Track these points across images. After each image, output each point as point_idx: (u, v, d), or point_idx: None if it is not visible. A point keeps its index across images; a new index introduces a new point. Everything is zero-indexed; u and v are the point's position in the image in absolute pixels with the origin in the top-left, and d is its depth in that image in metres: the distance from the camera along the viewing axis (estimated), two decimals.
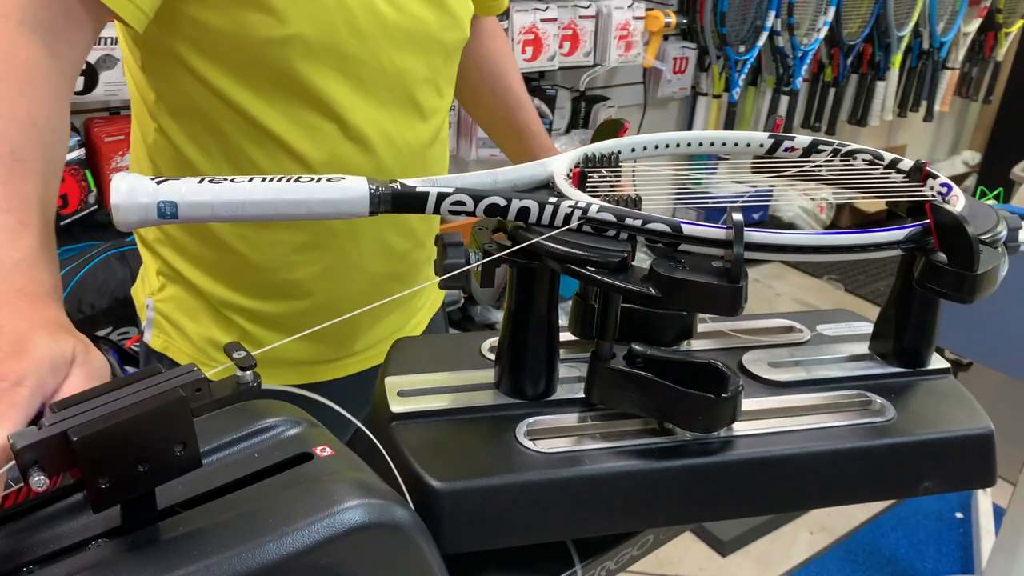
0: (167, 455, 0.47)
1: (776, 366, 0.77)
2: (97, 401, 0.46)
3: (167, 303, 0.96)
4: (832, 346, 0.82)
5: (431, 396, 0.72)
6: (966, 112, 4.59)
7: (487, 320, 2.58)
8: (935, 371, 0.79)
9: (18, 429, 0.46)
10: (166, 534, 0.49)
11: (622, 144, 0.79)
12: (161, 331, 0.97)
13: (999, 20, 3.92)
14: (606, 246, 0.62)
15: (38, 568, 0.47)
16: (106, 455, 0.45)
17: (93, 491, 0.46)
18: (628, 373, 0.67)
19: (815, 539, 2.22)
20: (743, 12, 3.00)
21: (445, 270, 0.64)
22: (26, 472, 0.44)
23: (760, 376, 0.76)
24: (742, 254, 0.60)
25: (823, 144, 0.83)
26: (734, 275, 0.59)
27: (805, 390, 0.75)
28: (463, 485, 0.63)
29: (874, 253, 0.66)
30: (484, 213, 0.63)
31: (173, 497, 0.52)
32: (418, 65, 0.90)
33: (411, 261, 0.99)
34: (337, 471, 0.54)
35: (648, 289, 0.60)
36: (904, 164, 0.79)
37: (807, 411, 0.73)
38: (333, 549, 0.49)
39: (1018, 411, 2.31)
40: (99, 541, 0.49)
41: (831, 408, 0.73)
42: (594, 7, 2.60)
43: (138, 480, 0.47)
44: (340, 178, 0.61)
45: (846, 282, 3.58)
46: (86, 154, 1.81)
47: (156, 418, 0.46)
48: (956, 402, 0.76)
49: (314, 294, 0.93)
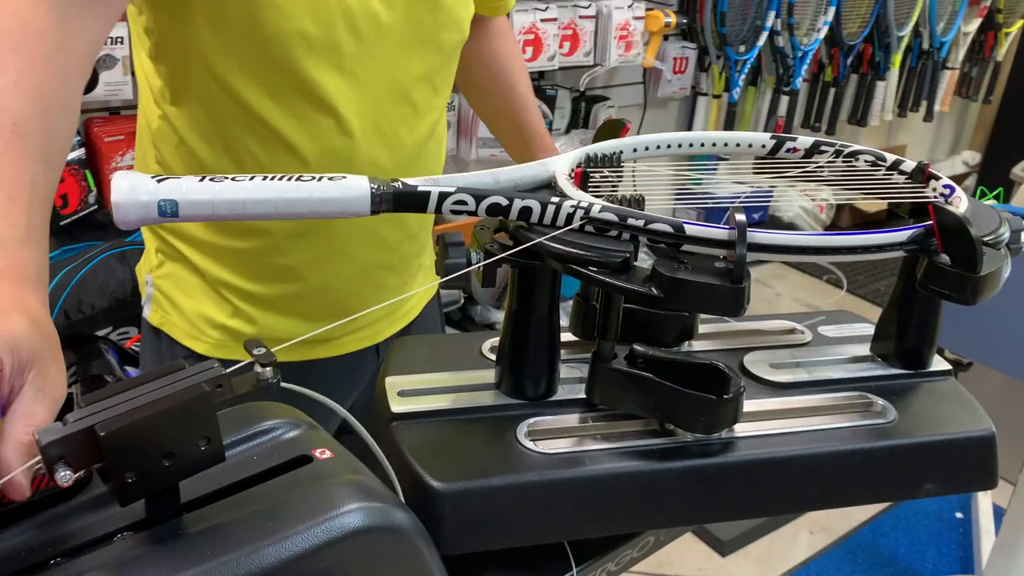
0: (191, 450, 0.48)
1: (777, 367, 0.77)
2: (122, 396, 0.47)
3: (164, 280, 0.98)
4: (833, 347, 0.82)
5: (431, 396, 0.72)
6: (966, 112, 4.59)
7: (487, 320, 2.58)
8: (937, 373, 0.79)
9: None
10: (164, 538, 0.49)
11: (624, 144, 0.79)
12: (158, 307, 0.99)
13: (999, 20, 3.92)
14: (608, 246, 0.62)
15: (66, 560, 0.48)
16: (132, 449, 0.46)
17: (120, 485, 0.47)
18: (629, 374, 0.67)
19: (815, 539, 2.22)
20: (743, 12, 3.00)
21: (447, 270, 0.64)
22: (52, 467, 0.44)
23: (761, 377, 0.76)
24: (745, 255, 0.60)
25: (825, 145, 0.83)
26: (736, 275, 0.59)
27: (806, 391, 0.75)
28: (463, 486, 0.63)
29: (877, 254, 0.66)
30: (486, 213, 0.63)
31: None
32: (414, 64, 0.91)
33: (402, 252, 1.00)
34: (337, 474, 0.54)
35: (650, 289, 0.60)
36: (907, 165, 0.79)
37: (808, 413, 0.73)
38: (332, 553, 0.49)
39: (1018, 411, 2.31)
40: (124, 534, 0.50)
41: (832, 410, 0.73)
42: (594, 7, 2.60)
43: (163, 474, 0.48)
44: (341, 177, 0.60)
45: (846, 282, 3.58)
46: (86, 154, 1.81)
47: (181, 413, 0.47)
48: (957, 404, 0.76)
49: (305, 278, 0.95)
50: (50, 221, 0.62)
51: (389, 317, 1.06)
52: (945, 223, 0.65)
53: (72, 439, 0.45)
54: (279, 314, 0.97)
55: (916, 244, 0.66)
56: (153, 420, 0.46)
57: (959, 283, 0.65)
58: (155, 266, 0.99)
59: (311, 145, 0.87)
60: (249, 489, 0.53)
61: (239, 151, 0.87)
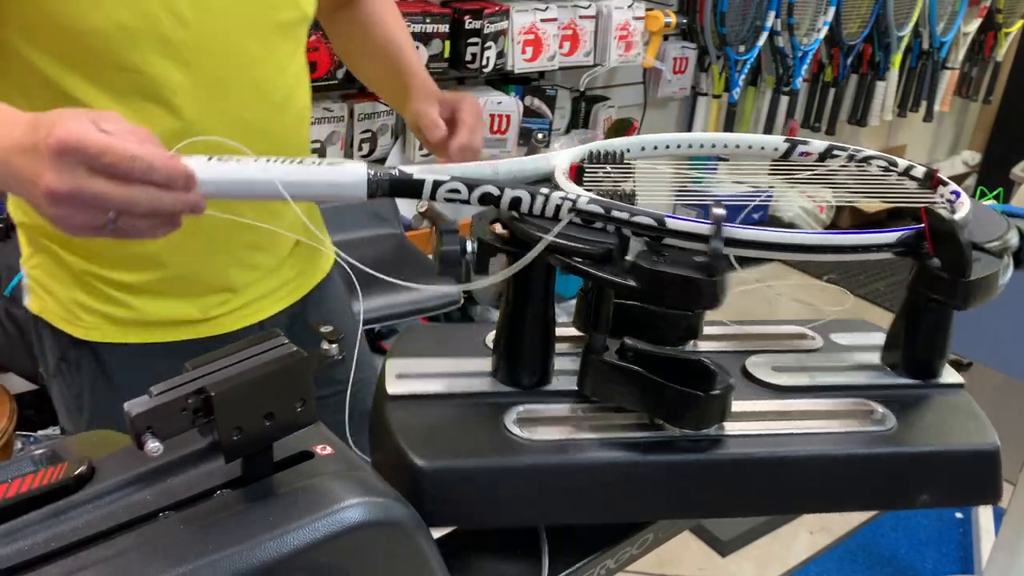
0: (289, 411, 0.52)
1: (780, 371, 0.77)
2: (225, 361, 0.51)
3: (36, 269, 0.98)
4: (842, 355, 0.82)
5: (428, 380, 0.73)
6: (966, 112, 4.59)
7: (487, 320, 2.58)
8: (947, 385, 0.78)
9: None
10: (164, 531, 0.49)
11: (631, 143, 0.80)
12: (35, 295, 0.99)
13: (999, 20, 3.92)
14: (595, 238, 0.63)
15: (174, 513, 0.52)
16: (239, 409, 0.50)
17: (226, 443, 0.50)
18: (619, 366, 0.68)
19: (815, 539, 2.22)
20: (743, 12, 3.00)
21: (441, 258, 0.65)
22: (140, 436, 0.48)
23: (761, 379, 0.76)
24: (720, 248, 0.61)
25: (838, 149, 0.83)
26: (712, 269, 0.60)
27: (805, 396, 0.75)
28: (444, 464, 0.64)
29: (864, 255, 0.66)
30: (478, 201, 0.64)
31: (174, 495, 0.52)
32: (251, 45, 0.90)
33: (268, 233, 0.95)
34: (337, 469, 0.54)
35: (628, 280, 0.61)
36: (917, 171, 0.79)
37: (804, 416, 0.72)
38: (333, 547, 0.49)
39: (1018, 411, 2.31)
40: (223, 491, 0.53)
41: (829, 415, 0.73)
42: (594, 7, 2.60)
43: (264, 433, 0.51)
44: (340, 162, 0.62)
45: (846, 282, 3.58)
46: None
47: (284, 375, 0.51)
48: (963, 416, 0.74)
49: (166, 264, 0.94)
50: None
51: (286, 287, 1.06)
52: (936, 227, 0.65)
53: (169, 407, 0.49)
54: (153, 297, 0.96)
55: (905, 247, 0.66)
56: (259, 381, 0.50)
57: (950, 287, 0.65)
58: (27, 257, 0.99)
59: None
60: (250, 484, 0.53)
61: None
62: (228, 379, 0.49)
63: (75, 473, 0.52)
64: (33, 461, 0.55)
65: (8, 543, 0.49)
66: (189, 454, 0.55)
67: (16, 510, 0.51)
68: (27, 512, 0.51)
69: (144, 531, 0.49)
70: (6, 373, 1.86)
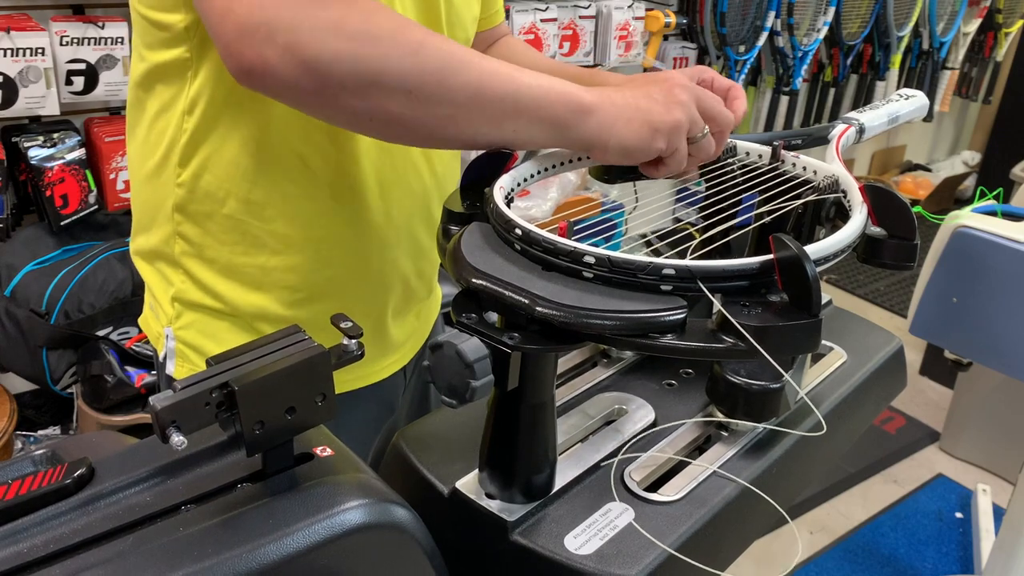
0: (310, 405, 0.52)
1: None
2: (247, 356, 0.51)
3: (187, 330, 0.90)
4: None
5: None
6: (966, 112, 4.59)
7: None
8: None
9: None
10: (163, 534, 0.49)
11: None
12: (185, 360, 0.91)
13: (999, 20, 3.92)
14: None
15: (195, 507, 0.52)
16: (262, 402, 0.50)
17: (249, 436, 0.50)
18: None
19: (815, 539, 2.22)
20: (743, 12, 3.00)
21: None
22: (164, 431, 0.48)
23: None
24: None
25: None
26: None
27: None
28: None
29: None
30: None
31: (175, 496, 0.52)
32: None
33: (433, 259, 0.97)
34: (337, 471, 0.54)
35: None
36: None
37: None
38: (333, 550, 0.49)
39: (1018, 411, 2.31)
40: (244, 484, 0.54)
41: None
42: (594, 7, 2.60)
43: (285, 427, 0.52)
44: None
45: (846, 282, 3.58)
46: (86, 154, 1.81)
47: (305, 370, 0.51)
48: None
49: (344, 295, 0.89)
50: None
51: (412, 337, 1.02)
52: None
53: (192, 400, 0.48)
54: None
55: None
56: (281, 375, 0.50)
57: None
58: (173, 317, 0.90)
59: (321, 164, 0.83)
60: (250, 486, 0.53)
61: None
62: (251, 373, 0.50)
63: (75, 474, 0.52)
64: (33, 462, 0.55)
65: (8, 544, 0.49)
66: (189, 455, 0.55)
67: (16, 512, 0.51)
68: (27, 514, 0.51)
69: (143, 533, 0.49)
70: (6, 373, 1.86)
